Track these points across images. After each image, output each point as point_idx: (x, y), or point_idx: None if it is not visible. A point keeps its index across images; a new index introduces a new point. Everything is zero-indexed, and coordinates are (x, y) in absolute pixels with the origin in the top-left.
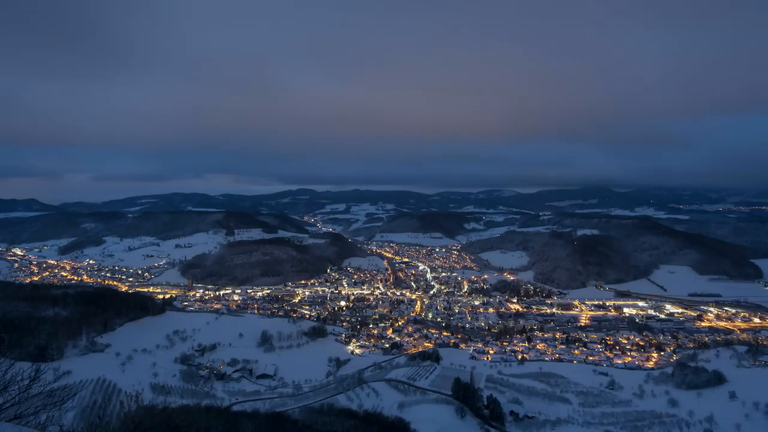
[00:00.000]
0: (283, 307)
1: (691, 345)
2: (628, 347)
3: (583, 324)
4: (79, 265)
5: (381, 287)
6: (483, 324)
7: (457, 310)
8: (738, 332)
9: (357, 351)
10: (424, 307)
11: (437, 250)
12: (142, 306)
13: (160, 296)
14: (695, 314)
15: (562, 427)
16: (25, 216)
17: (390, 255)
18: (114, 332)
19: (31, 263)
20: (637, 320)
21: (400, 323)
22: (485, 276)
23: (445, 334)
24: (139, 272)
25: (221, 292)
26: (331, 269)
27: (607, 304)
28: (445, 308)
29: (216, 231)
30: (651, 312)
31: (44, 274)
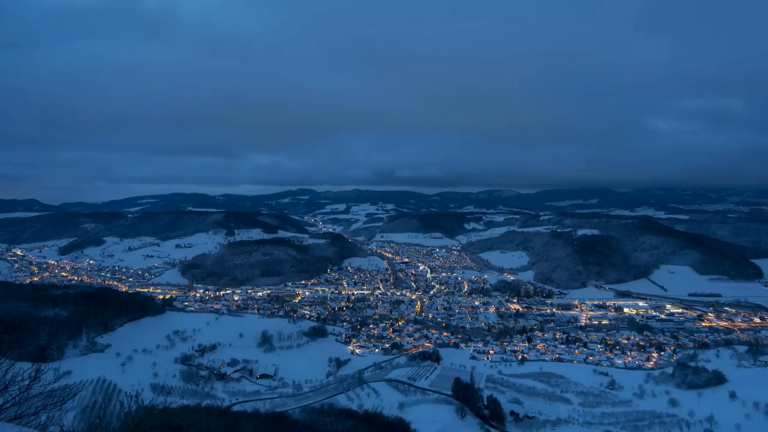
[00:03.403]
0: (283, 307)
1: (692, 345)
2: (628, 347)
3: (583, 324)
4: (79, 265)
5: (381, 287)
6: (483, 324)
7: (457, 310)
8: (738, 332)
9: (357, 351)
10: (424, 307)
11: (437, 250)
12: (142, 306)
13: (160, 296)
14: (695, 314)
15: (562, 427)
16: (25, 216)
17: (390, 255)
18: (114, 332)
19: (31, 263)
20: (637, 320)
21: (400, 323)
22: (485, 276)
23: (445, 334)
24: (139, 272)
25: (221, 292)
26: (331, 269)
27: (607, 304)
28: (445, 308)
29: (216, 231)
30: (651, 312)
31: (44, 275)
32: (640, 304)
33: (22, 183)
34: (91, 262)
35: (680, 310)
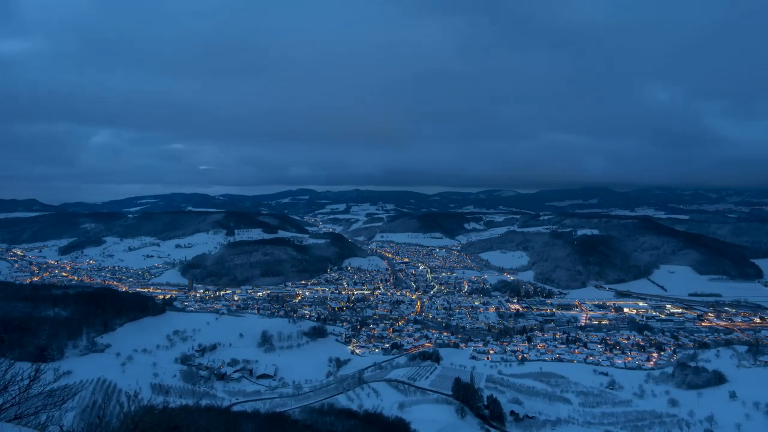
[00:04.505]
0: (283, 307)
1: (692, 345)
2: (628, 347)
3: (583, 324)
4: (79, 265)
5: (381, 287)
6: (483, 324)
7: (457, 310)
8: (738, 332)
9: (357, 351)
10: (424, 307)
11: (437, 250)
12: (142, 306)
13: (161, 296)
14: (695, 314)
15: (562, 427)
16: (25, 216)
17: (390, 255)
18: (114, 332)
19: (31, 263)
20: (637, 320)
21: (400, 323)
22: (485, 276)
23: (445, 334)
24: (140, 272)
25: (221, 293)
26: (331, 269)
27: (608, 304)
28: (445, 308)
29: (216, 231)
30: (651, 312)
31: (44, 275)
32: (640, 304)
33: (22, 183)
34: (91, 262)
35: (680, 310)
